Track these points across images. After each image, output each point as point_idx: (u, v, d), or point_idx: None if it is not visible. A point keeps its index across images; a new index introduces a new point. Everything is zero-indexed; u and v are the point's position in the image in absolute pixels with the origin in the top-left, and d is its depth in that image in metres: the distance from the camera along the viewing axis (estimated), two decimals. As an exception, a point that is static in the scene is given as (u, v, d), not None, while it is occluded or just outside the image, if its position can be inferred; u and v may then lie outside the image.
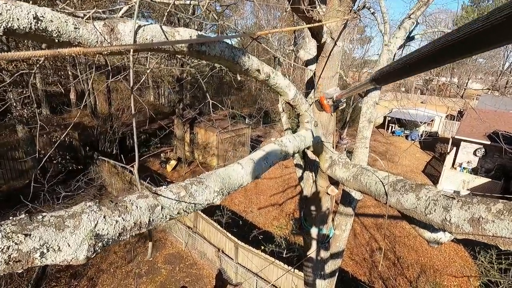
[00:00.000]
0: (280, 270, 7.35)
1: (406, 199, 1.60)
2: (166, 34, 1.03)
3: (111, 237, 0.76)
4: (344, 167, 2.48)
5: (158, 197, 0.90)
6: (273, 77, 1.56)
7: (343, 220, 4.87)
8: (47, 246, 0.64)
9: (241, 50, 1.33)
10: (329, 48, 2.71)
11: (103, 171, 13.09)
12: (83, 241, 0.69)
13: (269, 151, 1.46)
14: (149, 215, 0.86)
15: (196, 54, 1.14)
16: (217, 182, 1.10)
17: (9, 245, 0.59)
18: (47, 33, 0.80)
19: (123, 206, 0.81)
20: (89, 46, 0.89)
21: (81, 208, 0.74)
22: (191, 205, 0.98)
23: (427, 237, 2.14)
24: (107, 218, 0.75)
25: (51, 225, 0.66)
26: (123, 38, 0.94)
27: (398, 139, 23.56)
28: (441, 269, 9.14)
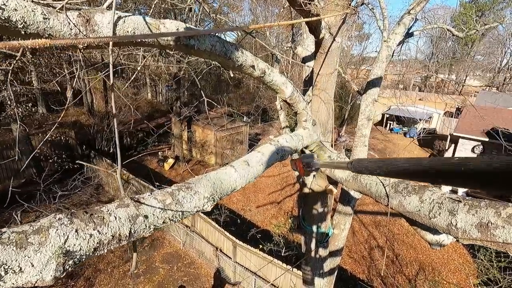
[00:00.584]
0: (279, 269, 7.30)
1: (409, 202, 1.53)
2: (150, 26, 0.94)
3: (84, 253, 0.67)
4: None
5: (141, 205, 0.82)
6: (269, 73, 1.48)
7: (342, 219, 4.81)
8: (5, 268, 0.56)
9: (234, 44, 1.25)
10: (327, 44, 2.63)
11: (100, 170, 12.97)
12: (49, 260, 0.61)
13: (264, 152, 1.37)
14: (130, 226, 0.77)
15: (184, 48, 1.05)
16: (207, 187, 1.02)
17: (-44, 269, 0.50)
18: (10, 23, 0.71)
19: (100, 218, 0.72)
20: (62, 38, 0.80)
21: (49, 221, 0.65)
22: (178, 213, 0.90)
23: (429, 239, 2.07)
24: (79, 232, 0.67)
25: (11, 243, 0.58)
26: (100, 30, 0.85)
27: (396, 137, 23.54)
28: (440, 267, 9.13)
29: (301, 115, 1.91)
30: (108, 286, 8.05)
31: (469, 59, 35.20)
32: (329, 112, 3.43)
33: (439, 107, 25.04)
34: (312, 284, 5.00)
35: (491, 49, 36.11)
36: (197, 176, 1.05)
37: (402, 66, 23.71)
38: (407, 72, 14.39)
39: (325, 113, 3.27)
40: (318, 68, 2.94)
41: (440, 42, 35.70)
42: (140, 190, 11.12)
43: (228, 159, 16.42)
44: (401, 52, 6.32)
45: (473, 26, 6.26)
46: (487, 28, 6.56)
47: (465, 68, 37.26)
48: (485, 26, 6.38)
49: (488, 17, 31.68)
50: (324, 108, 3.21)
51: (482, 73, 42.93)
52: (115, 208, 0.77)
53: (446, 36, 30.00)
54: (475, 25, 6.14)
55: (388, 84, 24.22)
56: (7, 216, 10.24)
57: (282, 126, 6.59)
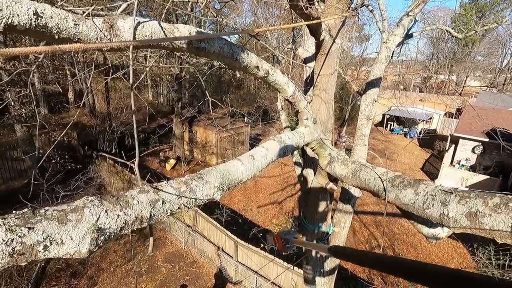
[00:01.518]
0: (280, 267, 7.37)
1: (405, 195, 1.61)
2: (165, 30, 1.04)
3: (113, 231, 0.77)
4: (343, 163, 2.49)
5: (159, 192, 0.91)
6: (272, 74, 1.57)
7: (342, 217, 4.89)
8: (50, 240, 0.65)
9: (240, 47, 1.34)
10: (327, 46, 2.72)
11: (102, 170, 13.09)
12: (85, 235, 0.70)
13: (268, 148, 1.46)
14: (150, 209, 0.87)
15: (195, 51, 1.15)
16: (217, 177, 1.11)
17: (13, 238, 0.59)
18: (47, 29, 0.80)
19: (125, 201, 0.82)
20: (89, 42, 0.90)
21: (83, 202, 0.75)
22: (192, 200, 0.99)
23: (425, 232, 2.16)
24: (108, 212, 0.76)
25: (54, 219, 0.67)
26: (122, 34, 0.95)
27: (396, 137, 23.61)
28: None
29: (302, 114, 2.00)
30: (111, 285, 8.13)
31: (469, 60, 35.27)
32: (330, 112, 3.52)
33: (439, 108, 25.12)
34: (313, 282, 5.08)
35: (491, 49, 36.18)
36: (207, 168, 1.14)
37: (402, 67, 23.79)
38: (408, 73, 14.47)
39: (326, 113, 3.36)
40: (319, 69, 3.04)
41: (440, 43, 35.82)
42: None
43: (229, 159, 16.51)
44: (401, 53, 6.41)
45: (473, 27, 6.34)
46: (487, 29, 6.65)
47: (465, 69, 37.34)
48: (485, 27, 6.47)
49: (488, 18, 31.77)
50: (324, 107, 3.30)
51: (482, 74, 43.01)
52: (137, 194, 0.87)
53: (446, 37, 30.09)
54: (475, 26, 6.23)
55: (388, 85, 24.32)
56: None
57: (283, 126, 6.69)
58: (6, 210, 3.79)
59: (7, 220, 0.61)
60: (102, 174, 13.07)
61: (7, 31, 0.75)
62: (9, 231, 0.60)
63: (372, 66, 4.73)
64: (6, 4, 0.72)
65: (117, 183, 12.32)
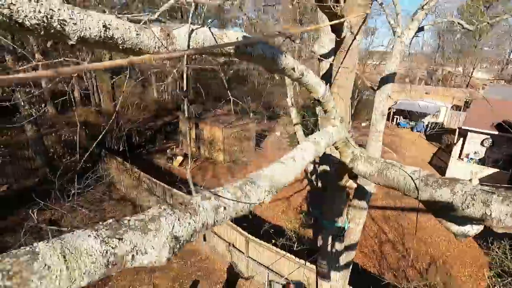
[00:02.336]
0: (292, 263, 7.43)
1: (440, 194, 1.61)
2: (215, 36, 1.04)
3: (185, 239, 0.78)
4: (367, 161, 2.49)
5: (220, 198, 0.93)
6: (306, 74, 1.57)
7: (357, 213, 4.90)
8: (136, 249, 0.67)
9: (279, 50, 1.34)
10: (348, 43, 2.70)
11: (112, 169, 13.21)
12: (164, 244, 0.72)
13: (306, 149, 1.47)
14: (214, 216, 0.88)
15: (241, 55, 1.15)
16: (266, 181, 1.12)
17: (107, 250, 0.61)
18: (113, 40, 0.81)
19: (192, 208, 0.83)
20: (148, 51, 0.91)
21: (158, 211, 0.76)
22: (247, 205, 1.01)
23: (455, 230, 2.15)
24: (181, 221, 0.78)
25: (138, 229, 0.69)
26: (178, 42, 0.96)
27: (403, 131, 23.44)
28: (451, 260, 9.19)
29: (330, 113, 2.00)
30: (125, 282, 8.27)
31: (476, 51, 34.69)
32: (347, 109, 3.51)
33: (446, 101, 24.86)
34: (328, 277, 5.12)
35: (499, 40, 35.54)
36: (255, 172, 1.15)
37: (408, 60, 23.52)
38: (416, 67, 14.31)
39: (343, 110, 3.36)
40: (338, 66, 3.02)
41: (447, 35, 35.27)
42: (151, 188, 11.32)
43: (236, 155, 16.57)
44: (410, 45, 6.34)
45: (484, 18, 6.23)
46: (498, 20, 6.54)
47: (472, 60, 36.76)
48: (497, 19, 6.36)
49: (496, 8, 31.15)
50: (342, 105, 3.29)
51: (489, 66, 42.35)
52: (201, 200, 0.88)
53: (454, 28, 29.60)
54: (484, 15, 6.10)
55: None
56: (24, 215, 10.53)
57: (294, 123, 6.67)
58: (20, 208, 3.90)
59: (100, 232, 0.63)
60: (111, 172, 13.20)
61: (79, 43, 0.76)
62: (104, 242, 0.62)
63: (386, 61, 4.68)
64: (79, 18, 0.73)
65: (126, 180, 12.44)
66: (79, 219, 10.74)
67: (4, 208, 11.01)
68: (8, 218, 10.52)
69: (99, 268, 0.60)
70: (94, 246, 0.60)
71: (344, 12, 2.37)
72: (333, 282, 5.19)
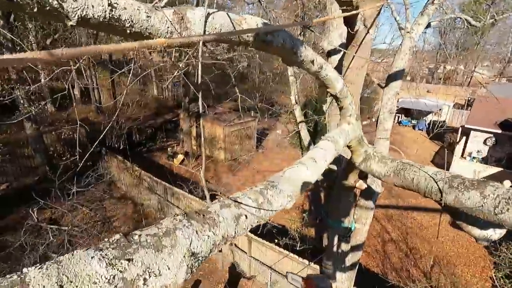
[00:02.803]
0: (295, 263, 7.33)
1: (468, 197, 1.50)
2: (233, 22, 0.92)
3: (204, 255, 0.67)
4: (381, 161, 2.38)
5: (241, 205, 0.81)
6: (325, 68, 1.45)
7: (363, 213, 4.79)
8: (149, 272, 0.55)
9: (299, 40, 1.22)
10: (361, 37, 2.58)
11: (112, 167, 13.10)
12: (181, 263, 0.61)
13: (326, 148, 1.36)
14: (235, 226, 0.77)
15: (261, 44, 1.03)
16: (287, 185, 1.01)
17: (115, 274, 0.50)
18: (120, 22, 0.70)
19: (211, 219, 0.72)
20: (159, 36, 0.79)
21: (173, 224, 0.65)
22: (269, 212, 0.89)
23: (476, 234, 2.05)
24: (199, 234, 0.67)
25: (150, 247, 0.57)
26: (192, 27, 0.84)
27: (405, 129, 23.32)
28: (455, 260, 9.10)
29: (346, 110, 1.89)
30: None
31: (478, 49, 34.46)
32: (357, 106, 3.39)
33: (448, 99, 24.71)
34: (334, 278, 5.02)
35: (501, 38, 35.31)
36: (275, 174, 1.04)
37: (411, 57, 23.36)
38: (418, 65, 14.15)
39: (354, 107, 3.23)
40: (349, 62, 2.90)
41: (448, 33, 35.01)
42: (152, 186, 11.21)
43: (237, 154, 16.45)
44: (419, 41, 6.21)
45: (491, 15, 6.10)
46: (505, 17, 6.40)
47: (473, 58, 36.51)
48: (504, 15, 6.22)
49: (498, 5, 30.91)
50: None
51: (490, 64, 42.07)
52: (220, 209, 0.77)
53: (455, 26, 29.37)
54: (490, 12, 5.97)
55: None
56: (24, 213, 10.42)
57: (298, 121, 6.55)
58: (20, 207, 3.76)
59: (105, 252, 0.52)
60: (112, 170, 13.09)
61: (80, 24, 0.64)
62: (110, 265, 0.50)
63: (395, 57, 4.55)
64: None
65: (127, 179, 12.33)
66: (80, 218, 10.63)
67: (4, 207, 10.90)
68: (8, 217, 10.42)
69: (105, 297, 0.48)
70: (99, 271, 0.49)
71: (359, 3, 2.25)
72: (338, 283, 5.10)
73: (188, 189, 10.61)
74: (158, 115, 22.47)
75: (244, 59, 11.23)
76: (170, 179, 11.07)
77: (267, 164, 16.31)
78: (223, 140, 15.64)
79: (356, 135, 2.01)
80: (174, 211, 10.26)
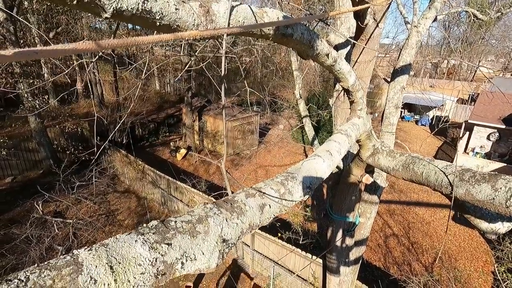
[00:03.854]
0: (298, 256, 7.41)
1: (479, 190, 1.51)
2: (256, 15, 0.93)
3: (232, 242, 0.69)
4: (389, 155, 2.39)
5: (265, 195, 0.83)
6: (339, 62, 1.46)
7: (368, 208, 4.82)
8: (186, 256, 0.58)
9: (316, 33, 1.23)
10: (370, 30, 2.58)
11: (115, 161, 13.17)
12: (214, 248, 0.63)
13: (340, 141, 1.37)
14: (260, 215, 0.79)
15: (280, 37, 1.04)
16: (306, 176, 1.02)
17: (157, 257, 0.52)
18: (151, 15, 0.71)
19: (239, 207, 0.74)
20: (186, 29, 0.80)
21: (205, 211, 0.67)
22: (289, 203, 0.91)
23: (484, 227, 2.07)
24: (229, 222, 0.69)
25: (186, 232, 0.59)
26: (217, 20, 0.85)
27: (407, 125, 23.24)
28: (456, 254, 9.15)
29: (357, 104, 1.89)
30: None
31: (482, 43, 34.05)
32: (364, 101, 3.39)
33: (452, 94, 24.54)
34: (338, 272, 5.08)
35: (507, 32, 34.85)
36: (293, 166, 1.06)
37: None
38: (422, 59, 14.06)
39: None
40: (357, 56, 2.90)
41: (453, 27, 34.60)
42: (156, 180, 11.28)
43: (239, 148, 16.48)
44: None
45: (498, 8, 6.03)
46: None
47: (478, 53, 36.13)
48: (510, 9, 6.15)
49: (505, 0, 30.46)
50: (359, 96, 3.17)
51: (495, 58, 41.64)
52: (245, 198, 0.79)
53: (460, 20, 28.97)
54: (497, 5, 5.91)
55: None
56: (29, 206, 10.54)
57: (302, 116, 6.55)
58: (25, 200, 3.82)
59: (146, 236, 0.54)
60: (115, 164, 13.16)
61: (114, 17, 0.65)
62: (152, 249, 0.52)
63: (401, 52, 4.53)
64: (115, -14, 0.63)
65: (130, 173, 12.40)
66: (84, 211, 10.74)
67: (9, 200, 11.03)
68: (13, 210, 10.54)
69: (148, 279, 0.51)
70: (143, 254, 0.51)
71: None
72: (342, 276, 5.16)
73: (191, 183, 10.68)
74: (161, 109, 22.48)
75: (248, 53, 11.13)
76: (173, 173, 11.12)
77: (269, 158, 16.34)
78: (226, 134, 15.64)
79: (366, 129, 2.02)
80: (177, 205, 10.35)
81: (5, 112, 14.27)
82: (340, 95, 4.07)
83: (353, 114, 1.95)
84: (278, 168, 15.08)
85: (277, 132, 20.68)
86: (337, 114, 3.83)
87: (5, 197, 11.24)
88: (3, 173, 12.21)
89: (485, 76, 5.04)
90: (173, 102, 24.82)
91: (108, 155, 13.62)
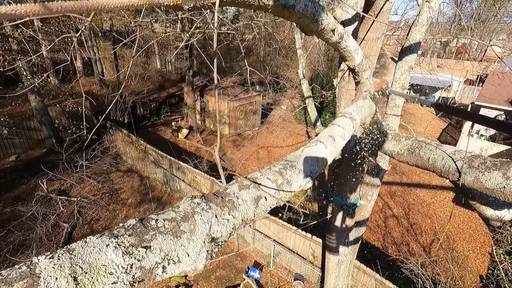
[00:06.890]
0: (298, 236, 7.53)
1: (489, 178, 1.44)
2: (252, -18, 0.82)
3: (223, 240, 0.63)
4: (395, 139, 2.30)
5: (260, 186, 0.76)
6: (346, 39, 1.34)
7: (369, 190, 4.80)
8: (168, 259, 0.51)
9: (321, 6, 1.10)
10: (380, 4, 2.40)
11: (117, 140, 13.17)
12: (201, 249, 0.56)
13: (344, 126, 1.28)
14: (254, 208, 0.72)
15: (281, 9, 0.93)
16: (307, 164, 0.95)
17: (132, 263, 0.46)
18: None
19: (230, 201, 0.67)
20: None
21: (191, 207, 0.60)
22: (288, 194, 0.84)
23: (489, 214, 2.02)
24: (218, 218, 0.62)
25: (168, 232, 0.53)
26: (207, -13, 0.73)
27: (412, 106, 22.84)
28: (454, 235, 9.27)
29: (363, 85, 1.78)
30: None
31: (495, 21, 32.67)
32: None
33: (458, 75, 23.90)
34: (337, 251, 5.15)
35: (521, 10, 33.29)
36: (293, 153, 0.98)
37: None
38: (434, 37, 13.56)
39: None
40: (364, 33, 2.73)
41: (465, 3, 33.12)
42: (158, 160, 11.32)
43: (241, 129, 16.38)
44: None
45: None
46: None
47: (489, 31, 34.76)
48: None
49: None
50: (365, 76, 3.03)
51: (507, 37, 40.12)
52: (238, 190, 0.72)
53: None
54: None
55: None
56: (34, 184, 10.68)
57: (305, 96, 6.38)
58: (29, 178, 3.78)
59: (121, 239, 0.47)
60: (117, 144, 13.18)
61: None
62: (127, 254, 0.46)
63: (410, 29, 4.30)
64: None
65: (132, 152, 12.44)
66: (88, 189, 10.88)
67: (15, 178, 11.17)
68: (18, 188, 10.70)
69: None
70: (115, 261, 0.44)
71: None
72: (341, 256, 5.24)
73: (193, 163, 10.70)
74: (162, 89, 22.19)
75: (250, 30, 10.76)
76: (174, 154, 11.13)
77: (272, 139, 16.27)
78: (228, 115, 15.51)
79: (371, 111, 1.92)
80: (179, 185, 10.43)
81: (5, 90, 14.15)
82: (345, 75, 3.91)
83: (359, 95, 1.84)
84: (280, 149, 15.05)
85: (279, 113, 20.45)
86: (341, 95, 3.69)
87: (10, 175, 11.39)
88: (7, 151, 12.30)
89: (497, 55, 4.84)
90: (175, 81, 24.45)
91: (110, 135, 13.61)
